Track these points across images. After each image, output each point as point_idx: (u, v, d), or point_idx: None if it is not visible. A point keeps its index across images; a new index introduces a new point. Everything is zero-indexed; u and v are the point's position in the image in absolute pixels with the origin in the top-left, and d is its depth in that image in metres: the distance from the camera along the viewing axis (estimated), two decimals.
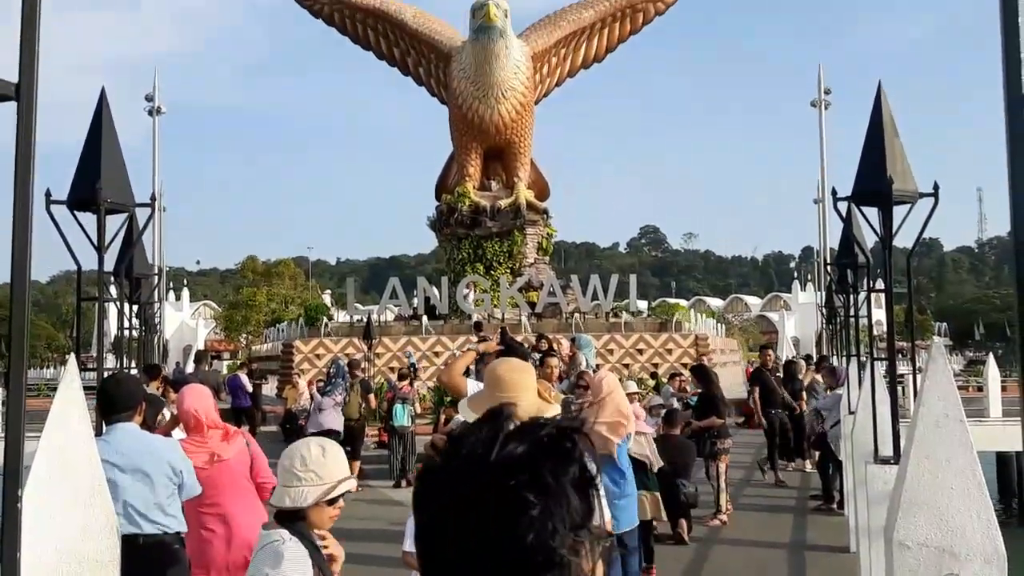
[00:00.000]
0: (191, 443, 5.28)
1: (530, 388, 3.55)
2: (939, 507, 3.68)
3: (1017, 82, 1.66)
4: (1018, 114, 1.55)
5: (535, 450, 1.00)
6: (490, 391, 3.55)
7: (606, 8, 30.73)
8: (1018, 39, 1.59)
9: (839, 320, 16.62)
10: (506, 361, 3.86)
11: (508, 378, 3.53)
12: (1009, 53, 1.58)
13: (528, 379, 3.60)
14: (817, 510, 12.39)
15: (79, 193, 5.88)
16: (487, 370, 3.80)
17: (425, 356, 26.83)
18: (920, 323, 76.78)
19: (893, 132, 6.22)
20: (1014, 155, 1.54)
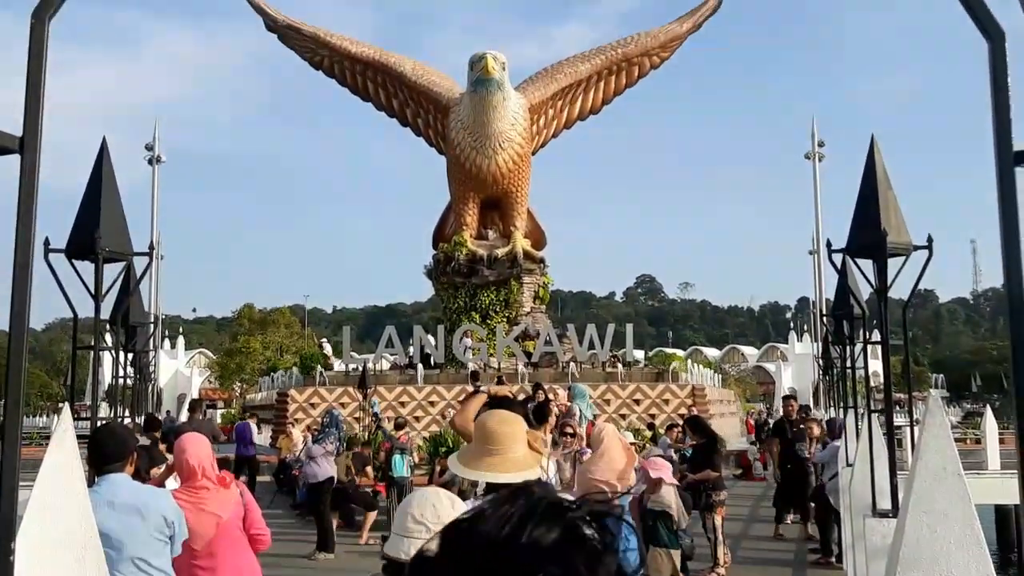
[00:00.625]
0: (184, 493, 5.23)
1: (520, 440, 3.52)
2: (938, 562, 3.64)
3: (1007, 138, 1.69)
4: (1009, 170, 1.58)
5: (570, 537, 0.87)
6: (479, 444, 3.52)
7: (602, 62, 31.19)
8: (1007, 95, 1.62)
9: (836, 371, 16.60)
10: (495, 413, 3.83)
11: (498, 430, 3.50)
12: (999, 109, 1.61)
13: (518, 430, 3.57)
14: (816, 564, 12.24)
15: (78, 242, 5.90)
16: (476, 422, 3.77)
17: (420, 406, 26.68)
18: (917, 375, 76.64)
19: (887, 184, 6.29)
20: (1006, 213, 1.56)
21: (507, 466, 3.40)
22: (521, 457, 3.45)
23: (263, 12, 31.64)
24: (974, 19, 1.63)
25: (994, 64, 1.60)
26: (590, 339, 28.85)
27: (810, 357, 44.45)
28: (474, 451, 3.55)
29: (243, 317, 69.05)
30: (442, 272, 30.78)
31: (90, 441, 5.03)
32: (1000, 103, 1.58)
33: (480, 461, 3.45)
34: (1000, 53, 1.61)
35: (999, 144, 1.57)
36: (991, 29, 1.63)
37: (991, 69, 1.61)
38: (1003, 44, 1.62)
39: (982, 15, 1.64)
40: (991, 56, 1.61)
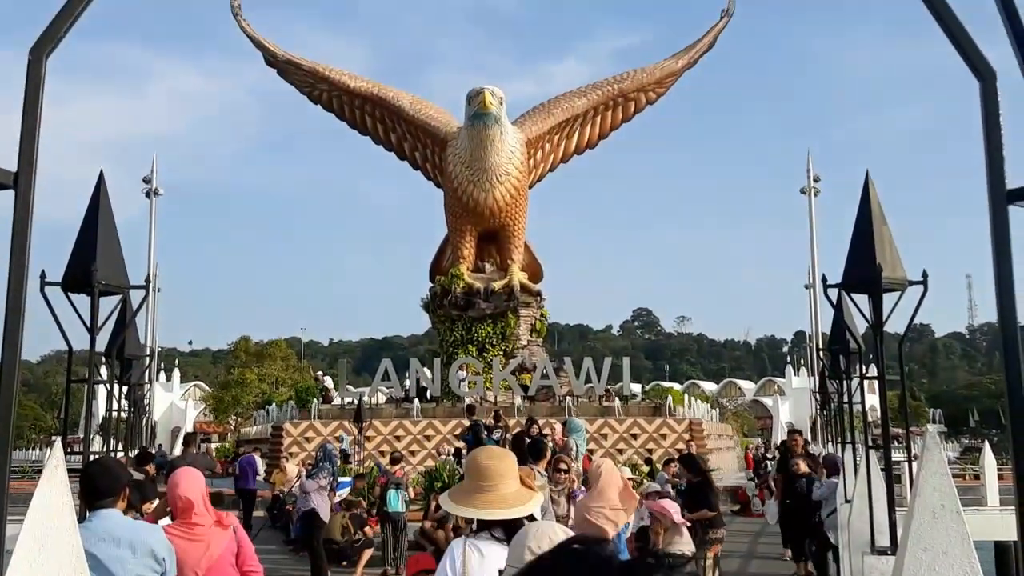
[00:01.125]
0: (177, 529, 5.17)
1: (512, 476, 3.50)
2: None
3: (1000, 176, 1.70)
4: (1002, 208, 1.58)
5: None
6: (472, 481, 3.50)
7: (598, 97, 31.46)
8: (999, 134, 1.63)
9: (833, 406, 16.55)
10: (486, 449, 3.82)
11: (490, 466, 3.48)
12: (991, 147, 1.62)
13: (510, 467, 3.54)
14: None
15: (74, 274, 5.90)
16: (468, 459, 3.75)
17: (416, 440, 26.53)
18: (914, 409, 76.39)
19: (881, 220, 6.32)
20: (999, 249, 1.56)
21: (499, 502, 3.37)
22: (513, 493, 3.42)
23: (263, 47, 31.93)
24: (965, 59, 1.65)
25: (986, 103, 1.62)
26: (587, 372, 28.78)
27: (807, 391, 44.36)
28: (466, 488, 3.52)
29: (239, 349, 68.82)
30: (439, 305, 30.78)
31: (82, 475, 4.99)
32: (992, 141, 1.59)
33: (472, 498, 3.43)
34: (991, 92, 1.63)
35: (991, 182, 1.58)
36: (982, 69, 1.65)
37: (983, 108, 1.62)
38: (994, 83, 1.64)
39: (973, 55, 1.66)
40: (983, 95, 1.63)
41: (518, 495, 3.43)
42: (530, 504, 3.44)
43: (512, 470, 3.52)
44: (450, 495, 3.58)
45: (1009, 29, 1.72)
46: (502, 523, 3.38)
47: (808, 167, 41.24)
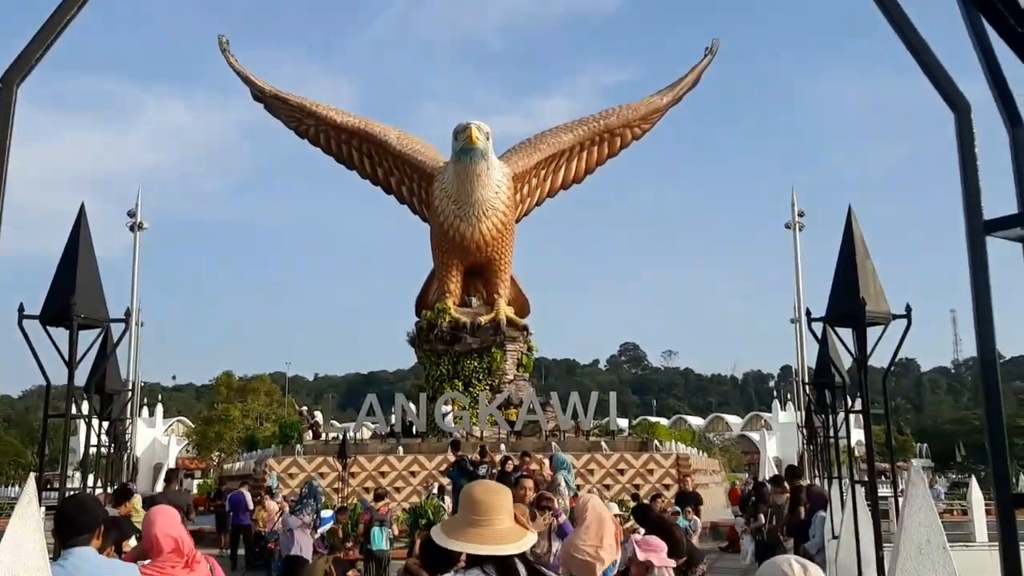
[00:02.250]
0: (152, 568, 5.07)
1: (506, 511, 3.44)
2: None
3: (977, 207, 1.70)
4: (979, 238, 1.58)
5: None
6: (465, 514, 3.45)
7: (584, 132, 31.72)
8: (975, 165, 1.63)
9: (819, 441, 16.52)
10: (481, 483, 3.76)
11: (484, 500, 3.42)
12: (967, 178, 1.62)
13: (505, 502, 3.49)
14: None
15: (52, 308, 5.84)
16: (463, 492, 3.70)
17: (401, 476, 26.28)
18: (901, 444, 76.42)
19: (865, 254, 6.35)
20: (977, 280, 1.56)
21: (492, 538, 3.32)
22: (506, 530, 3.37)
23: (250, 82, 32.09)
24: (940, 92, 1.66)
25: (961, 135, 1.63)
26: (573, 407, 28.65)
27: (794, 426, 44.34)
28: (459, 521, 3.47)
29: (221, 385, 68.33)
30: (425, 339, 30.69)
31: (57, 512, 4.89)
32: (968, 173, 1.59)
33: (463, 531, 3.37)
34: (966, 125, 1.63)
35: (968, 213, 1.58)
36: (957, 101, 1.66)
37: (958, 140, 1.63)
38: (969, 116, 1.65)
39: (948, 88, 1.67)
40: (958, 128, 1.63)
41: (512, 532, 3.38)
42: (523, 542, 3.38)
43: (507, 506, 3.47)
44: (442, 528, 3.51)
45: (983, 62, 1.74)
46: (494, 560, 3.32)
47: (792, 202, 41.60)
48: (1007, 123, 1.69)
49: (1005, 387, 7.80)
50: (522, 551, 3.38)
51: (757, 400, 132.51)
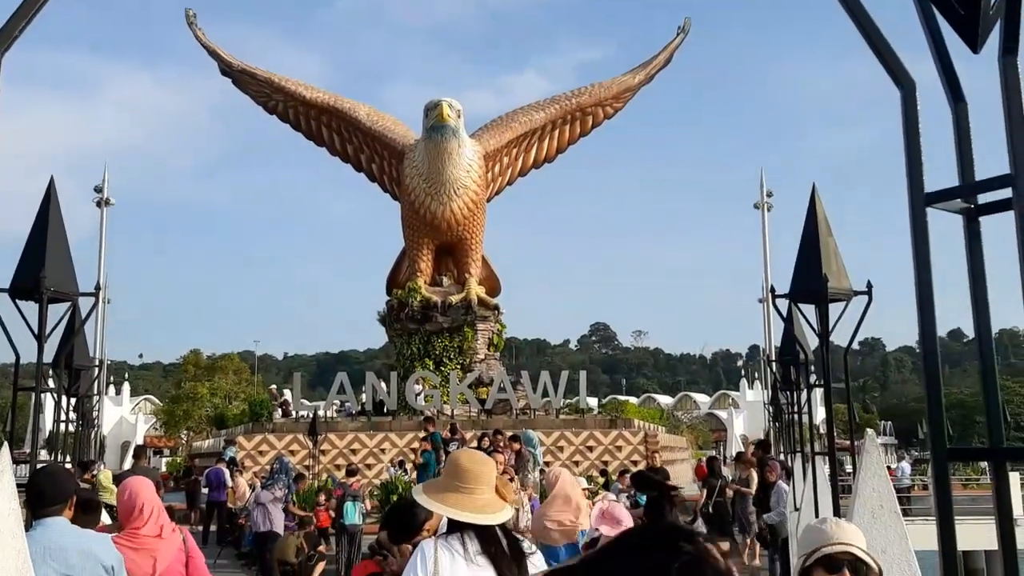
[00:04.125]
0: (125, 537, 5.11)
1: (488, 482, 3.53)
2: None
3: (919, 181, 1.80)
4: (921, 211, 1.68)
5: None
6: (449, 480, 3.53)
7: (556, 111, 31.70)
8: (919, 141, 1.72)
9: (785, 418, 16.82)
10: (468, 451, 3.85)
11: (470, 469, 3.50)
12: (911, 154, 1.72)
13: (489, 473, 3.57)
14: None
15: (21, 281, 5.81)
16: (449, 459, 3.78)
17: (372, 453, 26.36)
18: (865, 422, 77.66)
19: (827, 232, 6.49)
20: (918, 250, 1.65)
21: (472, 505, 3.40)
22: (487, 500, 3.46)
23: (217, 56, 31.68)
24: (887, 69, 1.75)
25: (906, 112, 1.72)
26: (544, 386, 28.84)
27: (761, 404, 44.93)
28: (442, 485, 3.54)
29: (188, 363, 67.82)
30: (396, 318, 30.66)
31: (28, 483, 4.91)
32: (912, 149, 1.68)
33: (445, 496, 3.45)
34: (911, 101, 1.72)
35: (911, 186, 1.68)
36: (903, 79, 1.75)
37: (903, 116, 1.72)
38: (914, 92, 1.74)
39: (894, 65, 1.76)
40: (903, 104, 1.72)
41: (491, 502, 3.46)
42: (501, 514, 3.47)
43: (490, 477, 3.55)
44: (424, 489, 3.59)
45: (930, 41, 1.83)
46: (475, 528, 3.40)
47: (761, 182, 41.92)
48: (951, 100, 1.79)
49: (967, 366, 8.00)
50: (500, 523, 3.47)
51: (725, 379, 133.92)
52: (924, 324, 1.72)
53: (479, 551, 3.36)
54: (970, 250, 1.74)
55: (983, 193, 1.67)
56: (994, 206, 1.70)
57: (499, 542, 3.41)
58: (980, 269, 1.71)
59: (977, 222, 1.73)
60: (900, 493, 27.83)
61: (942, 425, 1.66)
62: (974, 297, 1.68)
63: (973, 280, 1.70)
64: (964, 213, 1.72)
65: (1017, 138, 1.53)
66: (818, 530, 3.04)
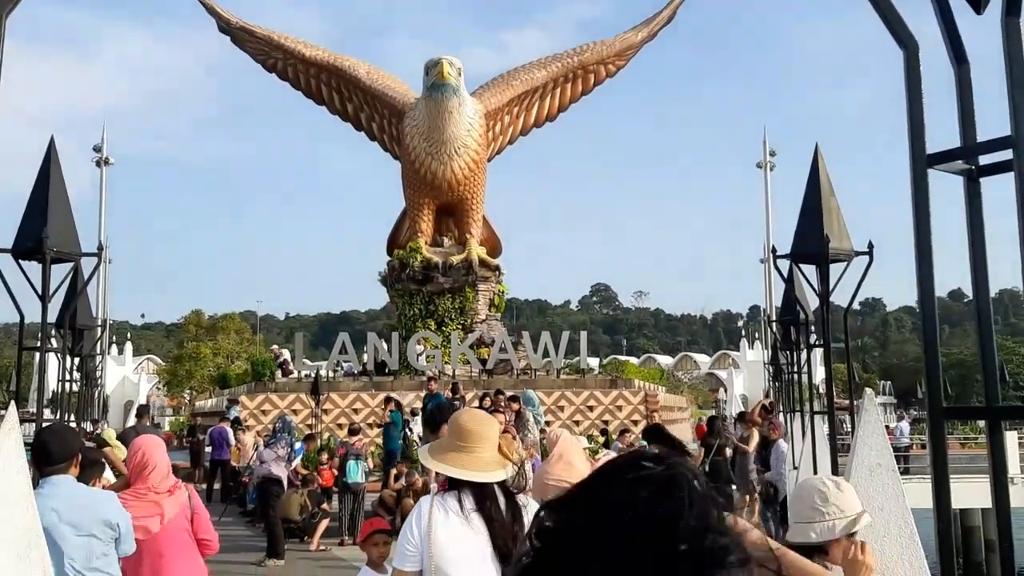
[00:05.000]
0: (132, 494, 5.19)
1: (491, 441, 3.59)
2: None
3: (921, 142, 1.80)
4: (922, 171, 1.68)
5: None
6: (451, 439, 3.60)
7: (558, 69, 31.39)
8: (921, 102, 1.72)
9: (784, 377, 16.91)
10: (469, 411, 3.90)
11: (471, 428, 3.56)
12: (913, 115, 1.71)
13: (491, 431, 3.63)
14: None
15: (24, 242, 5.82)
16: (451, 418, 3.83)
17: (374, 412, 26.55)
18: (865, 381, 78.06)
19: (830, 192, 6.47)
20: (919, 210, 1.66)
21: (474, 464, 3.48)
22: (489, 458, 3.53)
23: (216, 13, 31.32)
24: (890, 29, 1.73)
25: (909, 72, 1.71)
26: (545, 346, 28.96)
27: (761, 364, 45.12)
28: (445, 445, 3.61)
29: (190, 323, 68.02)
30: (397, 279, 30.66)
31: (33, 442, 4.98)
32: (914, 110, 1.68)
33: (448, 456, 3.53)
34: (914, 62, 1.71)
35: (913, 147, 1.67)
36: (906, 39, 1.74)
37: (906, 77, 1.71)
38: (917, 53, 1.73)
39: (897, 26, 1.74)
40: (906, 65, 1.71)
41: (493, 460, 3.53)
42: (499, 472, 3.54)
43: (492, 436, 3.61)
44: (428, 450, 3.66)
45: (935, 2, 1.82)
46: (471, 486, 3.47)
47: (764, 141, 41.68)
48: (953, 61, 1.78)
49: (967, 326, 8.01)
50: (500, 480, 3.53)
51: (726, 339, 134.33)
52: (923, 285, 1.74)
53: (474, 508, 3.43)
54: (970, 211, 1.74)
55: (984, 155, 1.67)
56: (995, 167, 1.70)
57: (495, 499, 3.47)
58: (980, 230, 1.71)
59: (978, 183, 1.73)
60: (898, 452, 28.07)
61: (939, 385, 1.68)
62: (973, 258, 1.69)
63: (972, 241, 1.71)
64: (965, 174, 1.72)
65: (1018, 100, 1.52)
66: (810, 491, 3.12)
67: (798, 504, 3.21)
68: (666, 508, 1.01)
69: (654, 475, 1.04)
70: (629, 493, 1.03)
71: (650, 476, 1.04)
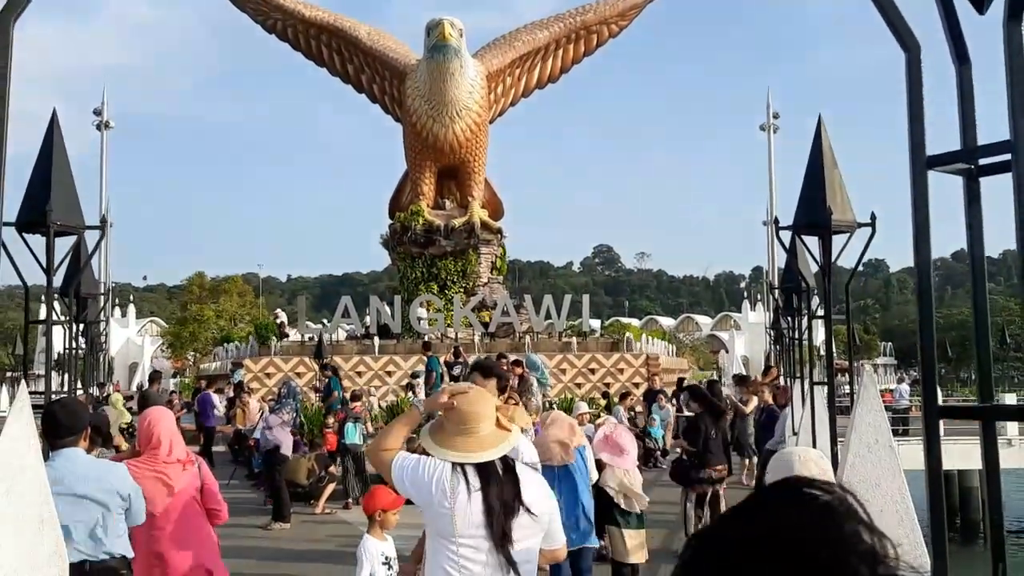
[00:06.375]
0: (143, 463, 5.27)
1: (489, 418, 3.67)
2: None
3: (921, 144, 1.81)
4: (922, 173, 1.70)
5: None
6: (451, 424, 3.67)
7: (560, 29, 31.08)
8: (922, 104, 1.73)
9: (785, 341, 16.99)
10: (464, 396, 3.94)
11: (467, 411, 3.63)
12: (914, 117, 1.72)
13: (487, 408, 3.71)
14: None
15: (28, 215, 5.84)
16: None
17: (377, 375, 26.71)
18: (866, 343, 78.27)
19: (832, 164, 6.45)
20: (918, 210, 1.68)
21: (477, 445, 3.57)
22: (489, 434, 3.61)
23: None
24: (892, 31, 1.74)
25: (910, 75, 1.72)
26: (547, 309, 29.05)
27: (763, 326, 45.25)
28: (447, 430, 3.67)
29: (193, 285, 68.11)
30: (399, 242, 30.67)
31: (44, 415, 5.04)
32: (915, 112, 1.69)
33: (452, 440, 3.61)
34: (916, 64, 1.72)
35: (913, 149, 1.69)
36: (908, 41, 1.74)
37: (907, 79, 1.72)
38: (919, 56, 1.74)
39: (900, 28, 1.75)
40: (908, 67, 1.72)
41: (494, 436, 3.62)
42: (504, 445, 3.62)
43: (490, 412, 3.70)
44: (429, 433, 3.71)
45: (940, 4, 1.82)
46: (475, 465, 3.57)
47: (768, 104, 41.41)
48: (955, 61, 1.79)
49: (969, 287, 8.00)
50: (503, 454, 3.62)
51: (728, 301, 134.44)
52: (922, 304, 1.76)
53: (478, 487, 3.52)
54: (969, 210, 1.76)
55: (984, 158, 1.69)
56: (995, 167, 1.72)
57: (496, 472, 3.56)
58: (979, 230, 1.74)
59: (977, 182, 1.75)
60: (898, 414, 28.24)
61: (934, 388, 1.71)
62: (972, 260, 1.71)
63: (971, 243, 1.73)
64: (964, 174, 1.74)
65: (1018, 105, 1.54)
66: (786, 464, 3.13)
67: (777, 470, 3.17)
68: (846, 531, 0.98)
69: (824, 500, 1.01)
70: (807, 517, 0.99)
71: (821, 501, 1.01)
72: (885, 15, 1.73)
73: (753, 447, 15.24)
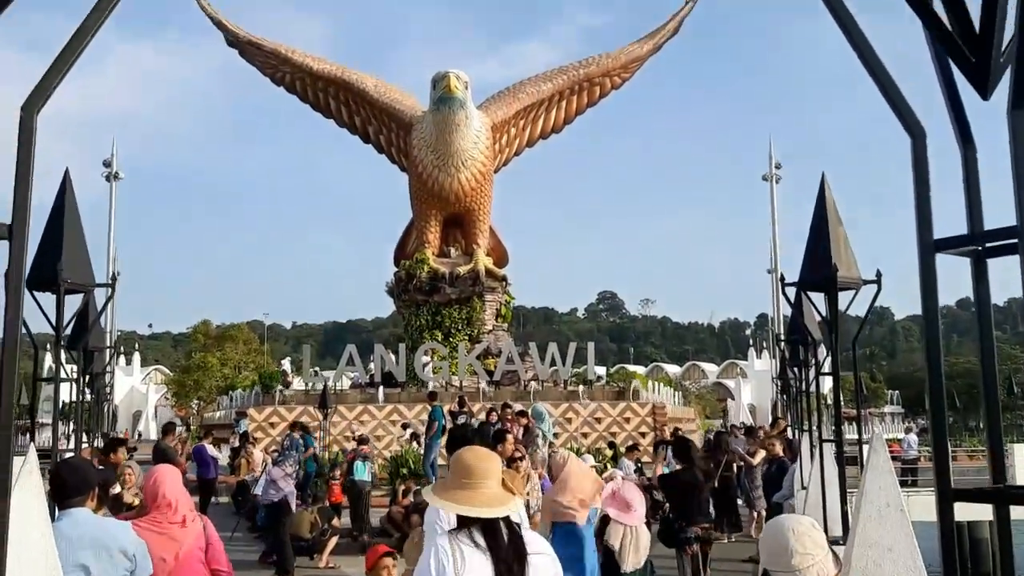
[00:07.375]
0: (148, 523, 5.23)
1: (495, 476, 3.62)
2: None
3: (928, 228, 1.84)
4: (930, 257, 1.72)
5: None
6: (455, 478, 3.62)
7: (564, 82, 31.51)
8: (928, 189, 1.77)
9: (792, 391, 16.92)
10: (472, 449, 3.92)
11: (475, 465, 3.59)
12: (921, 202, 1.76)
13: (494, 467, 3.67)
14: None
15: (39, 273, 5.89)
16: (454, 457, 3.86)
17: (381, 425, 26.58)
18: (872, 391, 77.81)
19: (837, 221, 6.50)
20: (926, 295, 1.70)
21: (480, 500, 3.51)
22: (494, 493, 3.55)
23: (223, 27, 31.51)
24: (898, 116, 1.78)
25: (916, 160, 1.75)
26: (552, 357, 28.98)
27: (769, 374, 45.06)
28: (450, 483, 3.64)
29: (199, 333, 68.12)
30: (404, 290, 30.75)
31: (52, 476, 5.03)
32: (921, 197, 1.72)
33: (453, 493, 3.56)
34: (922, 150, 1.76)
35: (920, 232, 1.72)
36: (914, 127, 1.78)
37: (913, 165, 1.75)
38: (924, 142, 1.77)
39: (906, 113, 1.79)
40: (914, 153, 1.76)
41: (498, 496, 3.56)
42: (510, 506, 3.57)
43: (496, 471, 3.65)
44: (434, 490, 3.69)
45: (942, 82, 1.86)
46: (480, 522, 3.50)
47: (770, 154, 41.75)
48: (960, 142, 1.82)
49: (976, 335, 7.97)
50: (508, 514, 3.56)
51: (734, 348, 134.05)
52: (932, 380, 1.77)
53: (485, 545, 3.46)
54: (977, 291, 1.78)
55: (990, 242, 1.72)
56: (1002, 249, 1.74)
57: (500, 534, 3.51)
58: (987, 310, 1.76)
59: (984, 263, 1.78)
60: (906, 464, 27.94)
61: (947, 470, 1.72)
62: (981, 339, 1.73)
63: (980, 322, 1.75)
64: (972, 255, 1.76)
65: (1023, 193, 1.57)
66: (781, 537, 3.02)
67: (776, 555, 3.02)
68: None
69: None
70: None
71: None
72: (890, 101, 1.77)
73: (760, 500, 15.09)
